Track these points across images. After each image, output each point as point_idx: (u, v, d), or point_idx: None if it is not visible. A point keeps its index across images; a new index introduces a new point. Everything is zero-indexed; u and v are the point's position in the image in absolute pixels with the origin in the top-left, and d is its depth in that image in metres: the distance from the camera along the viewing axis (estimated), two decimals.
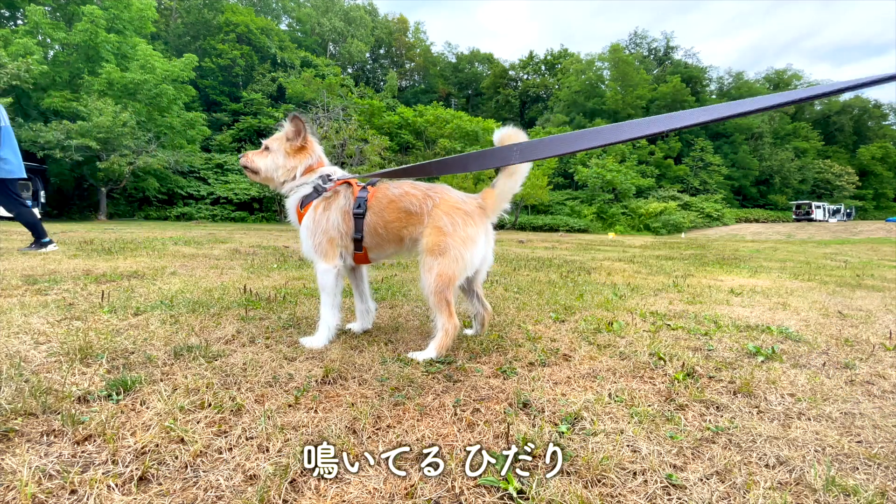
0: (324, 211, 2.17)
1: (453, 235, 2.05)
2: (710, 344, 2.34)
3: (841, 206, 46.33)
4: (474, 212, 2.14)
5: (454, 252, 2.04)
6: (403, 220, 2.15)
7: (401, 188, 2.19)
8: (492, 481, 1.09)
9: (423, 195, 2.15)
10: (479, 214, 2.15)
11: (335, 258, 2.18)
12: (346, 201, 2.18)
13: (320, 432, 1.30)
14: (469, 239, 2.08)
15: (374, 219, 2.15)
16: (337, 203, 2.18)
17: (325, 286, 2.19)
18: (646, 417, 1.46)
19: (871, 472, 1.19)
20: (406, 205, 2.14)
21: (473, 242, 2.09)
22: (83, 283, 3.49)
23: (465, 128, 39.08)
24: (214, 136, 36.56)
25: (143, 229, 13.13)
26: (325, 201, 2.18)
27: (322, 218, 2.16)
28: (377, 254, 2.27)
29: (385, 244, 2.21)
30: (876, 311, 3.41)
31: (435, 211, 2.11)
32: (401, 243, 2.20)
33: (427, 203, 2.13)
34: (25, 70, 18.76)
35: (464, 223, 2.08)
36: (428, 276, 2.04)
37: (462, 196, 2.19)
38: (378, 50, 65.93)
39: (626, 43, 66.07)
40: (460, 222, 2.08)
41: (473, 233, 2.10)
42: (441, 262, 2.03)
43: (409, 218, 2.14)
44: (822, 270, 6.49)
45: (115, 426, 1.28)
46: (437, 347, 2.01)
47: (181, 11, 44.03)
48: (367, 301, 2.45)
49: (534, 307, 3.18)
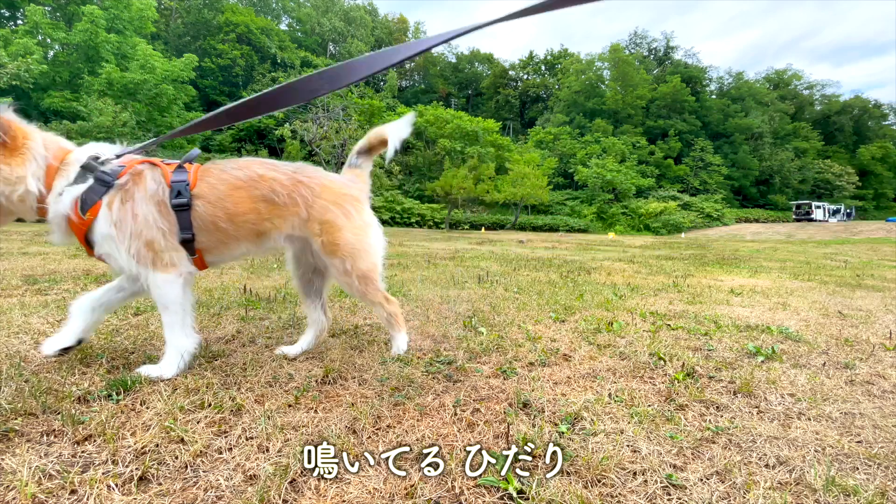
0: (123, 205, 1.58)
1: (350, 228, 1.79)
2: (710, 344, 2.34)
3: (841, 206, 46.32)
4: (363, 197, 1.90)
5: (362, 246, 1.82)
6: (263, 213, 1.71)
7: (248, 169, 1.72)
8: (492, 481, 1.09)
9: (292, 181, 1.74)
10: (366, 199, 1.92)
11: (172, 264, 1.65)
12: (156, 187, 1.62)
13: (320, 432, 1.30)
14: (370, 225, 1.87)
15: (209, 210, 1.65)
16: (142, 192, 1.60)
17: (166, 302, 1.66)
18: (646, 417, 1.46)
19: (871, 472, 1.19)
20: (265, 193, 1.70)
21: (376, 227, 1.89)
22: (83, 283, 3.49)
23: (465, 128, 39.10)
24: (214, 136, 36.58)
25: None
26: (122, 192, 1.59)
27: (125, 216, 1.57)
28: (220, 256, 1.80)
29: (232, 243, 1.74)
30: (876, 311, 3.41)
31: (318, 202, 1.76)
32: (258, 240, 1.78)
33: (301, 191, 1.74)
34: (25, 70, 18.76)
35: (357, 211, 1.84)
36: (348, 279, 1.82)
37: (342, 179, 1.90)
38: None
39: (626, 43, 66.19)
40: (353, 211, 1.82)
41: (371, 218, 1.90)
42: (352, 262, 1.79)
43: (272, 210, 1.72)
44: (822, 270, 6.49)
45: (115, 426, 1.28)
46: (401, 326, 1.99)
47: (181, 11, 44.03)
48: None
49: (534, 307, 3.18)
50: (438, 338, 2.31)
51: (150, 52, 25.00)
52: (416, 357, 2.00)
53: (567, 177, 46.99)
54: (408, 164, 39.76)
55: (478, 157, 35.83)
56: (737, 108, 56.60)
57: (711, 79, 64.84)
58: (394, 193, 35.30)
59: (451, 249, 9.14)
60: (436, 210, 34.72)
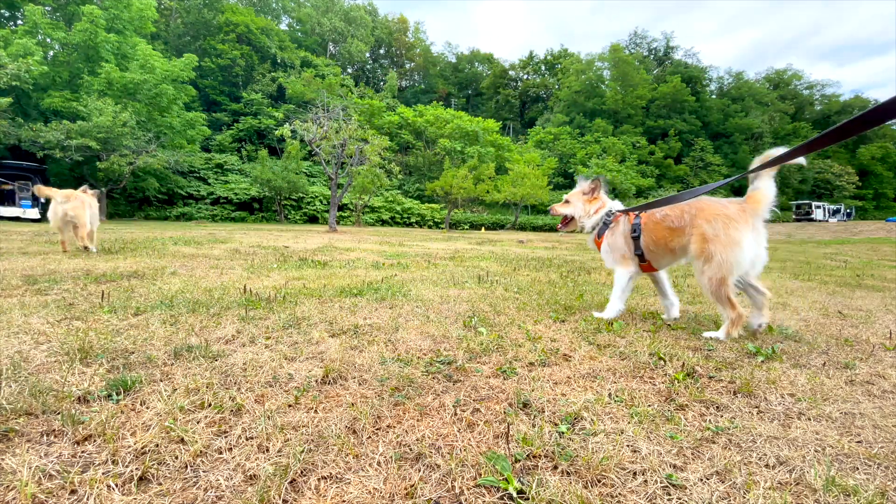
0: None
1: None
2: (710, 344, 2.34)
3: (841, 206, 46.29)
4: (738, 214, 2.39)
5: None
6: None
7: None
8: (492, 481, 1.09)
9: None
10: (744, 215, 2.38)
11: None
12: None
13: (320, 432, 1.30)
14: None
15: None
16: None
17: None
18: (646, 417, 1.46)
19: (871, 472, 1.19)
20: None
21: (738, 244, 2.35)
22: (83, 283, 3.49)
23: (465, 128, 39.11)
24: (214, 136, 36.60)
25: (143, 229, 13.13)
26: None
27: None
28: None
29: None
30: (876, 311, 3.41)
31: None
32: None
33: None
34: (26, 70, 18.74)
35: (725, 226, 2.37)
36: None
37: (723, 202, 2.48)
38: (378, 50, 65.95)
39: (626, 43, 66.17)
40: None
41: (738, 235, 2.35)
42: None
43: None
44: (822, 270, 6.49)
45: (115, 426, 1.28)
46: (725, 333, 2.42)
47: (181, 11, 44.02)
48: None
49: (534, 307, 3.18)
50: (438, 338, 2.31)
51: (150, 52, 24.95)
52: (416, 357, 2.00)
53: (567, 177, 46.97)
54: (408, 164, 39.75)
55: (478, 157, 35.84)
56: (737, 108, 56.60)
57: (711, 79, 64.86)
58: (394, 193, 35.31)
59: (451, 249, 9.14)
60: (436, 210, 34.72)
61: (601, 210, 2.98)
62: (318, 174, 36.41)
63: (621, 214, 2.87)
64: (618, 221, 2.84)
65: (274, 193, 29.41)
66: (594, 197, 3.01)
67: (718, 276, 2.34)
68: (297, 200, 32.14)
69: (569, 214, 3.07)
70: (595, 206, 3.00)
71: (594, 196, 3.01)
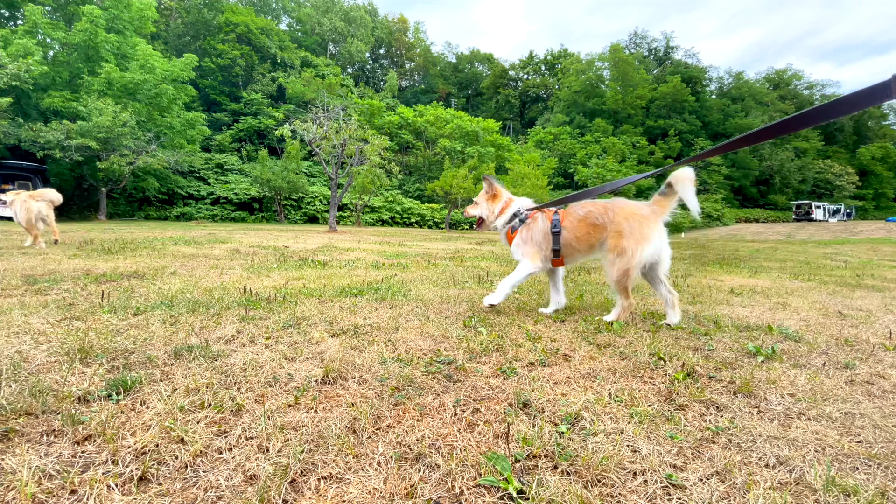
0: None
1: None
2: (710, 344, 2.34)
3: (841, 206, 46.28)
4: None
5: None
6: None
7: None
8: (492, 481, 1.09)
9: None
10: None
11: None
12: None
13: (320, 432, 1.30)
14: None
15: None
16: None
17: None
18: (646, 417, 1.46)
19: (871, 472, 1.19)
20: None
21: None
22: (83, 283, 3.49)
23: (465, 128, 39.10)
24: (214, 136, 36.59)
25: (143, 229, 13.13)
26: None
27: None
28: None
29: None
30: (876, 311, 3.41)
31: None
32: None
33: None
34: (25, 70, 18.72)
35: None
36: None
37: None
38: (378, 50, 65.95)
39: (625, 43, 66.16)
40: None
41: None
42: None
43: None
44: (822, 270, 6.49)
45: (115, 426, 1.28)
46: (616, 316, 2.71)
47: (181, 11, 44.03)
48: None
49: (534, 307, 3.18)
50: (438, 338, 2.31)
51: (150, 52, 24.93)
52: (416, 357, 2.00)
53: (567, 177, 46.97)
54: (408, 164, 39.74)
55: (478, 157, 35.81)
56: (737, 108, 56.58)
57: (711, 79, 64.83)
58: (394, 193, 35.29)
59: (451, 249, 9.14)
60: (436, 210, 34.70)
61: (508, 207, 3.04)
62: (318, 174, 36.41)
63: (537, 211, 2.94)
64: (535, 218, 2.91)
65: (274, 193, 29.41)
66: (493, 195, 3.08)
67: (626, 267, 2.61)
68: (297, 200, 32.13)
69: (478, 215, 3.15)
70: (499, 205, 3.06)
71: (493, 193, 3.08)
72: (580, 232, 2.78)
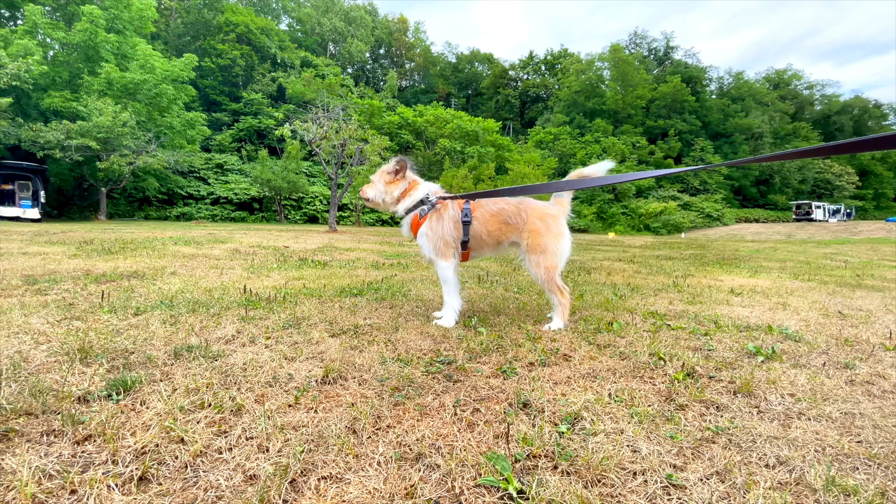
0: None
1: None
2: (710, 344, 2.34)
3: (841, 206, 46.27)
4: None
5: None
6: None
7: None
8: (492, 481, 1.09)
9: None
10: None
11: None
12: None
13: (320, 432, 1.30)
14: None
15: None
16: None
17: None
18: (646, 417, 1.46)
19: (871, 472, 1.19)
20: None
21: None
22: (83, 283, 3.49)
23: (465, 128, 39.07)
24: (214, 136, 36.59)
25: (143, 229, 13.12)
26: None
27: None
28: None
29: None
30: (876, 311, 3.41)
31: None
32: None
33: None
34: (26, 70, 18.73)
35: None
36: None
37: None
38: (378, 50, 65.95)
39: (625, 43, 66.19)
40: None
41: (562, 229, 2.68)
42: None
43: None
44: (822, 270, 6.49)
45: (115, 426, 1.28)
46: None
47: (181, 11, 44.03)
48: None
49: (534, 307, 3.18)
50: (438, 338, 2.31)
51: (150, 52, 24.94)
52: (416, 357, 2.00)
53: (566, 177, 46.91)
54: None
55: (478, 157, 35.81)
56: (737, 108, 56.58)
57: (711, 79, 64.82)
58: None
59: None
60: None
61: (413, 190, 2.73)
62: (318, 174, 36.41)
63: (448, 199, 2.73)
64: (445, 206, 2.70)
65: (274, 193, 29.41)
66: (398, 178, 2.73)
67: (552, 263, 2.61)
68: (297, 200, 32.14)
69: (371, 197, 2.81)
70: (399, 188, 2.73)
71: (398, 177, 2.73)
72: (491, 227, 2.66)
